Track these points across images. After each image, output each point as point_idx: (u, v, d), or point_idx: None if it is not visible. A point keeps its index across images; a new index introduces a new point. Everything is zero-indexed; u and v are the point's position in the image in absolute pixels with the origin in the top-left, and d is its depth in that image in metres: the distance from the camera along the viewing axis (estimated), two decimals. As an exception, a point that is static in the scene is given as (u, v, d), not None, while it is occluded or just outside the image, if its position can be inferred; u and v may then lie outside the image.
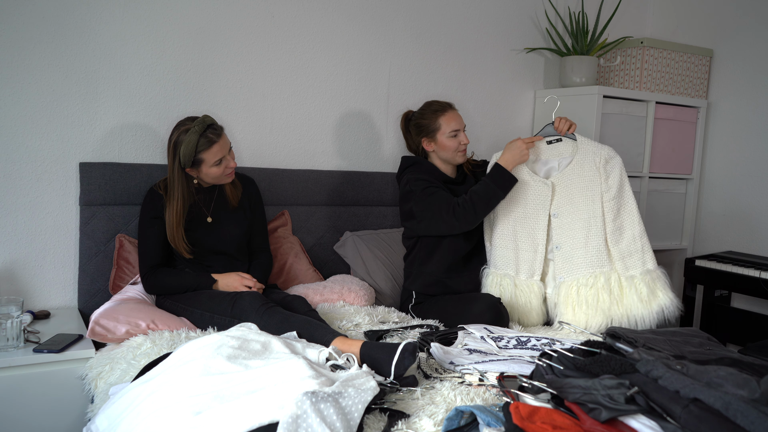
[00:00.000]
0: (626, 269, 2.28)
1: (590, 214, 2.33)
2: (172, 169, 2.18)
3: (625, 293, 2.26)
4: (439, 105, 2.54)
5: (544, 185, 2.38)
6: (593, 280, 2.28)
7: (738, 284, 3.01)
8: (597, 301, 2.26)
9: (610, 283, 2.27)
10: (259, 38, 2.73)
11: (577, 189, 2.36)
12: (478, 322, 2.19)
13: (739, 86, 3.45)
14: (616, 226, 2.31)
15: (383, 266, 2.78)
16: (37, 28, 2.33)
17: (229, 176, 2.27)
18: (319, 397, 1.32)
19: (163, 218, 2.23)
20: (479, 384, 1.58)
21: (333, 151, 2.96)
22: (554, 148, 2.43)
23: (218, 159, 2.18)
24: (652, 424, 1.15)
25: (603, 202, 2.32)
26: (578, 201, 2.35)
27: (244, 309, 2.04)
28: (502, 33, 3.35)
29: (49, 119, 2.38)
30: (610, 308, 2.26)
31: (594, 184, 2.34)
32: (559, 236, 2.37)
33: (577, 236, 2.34)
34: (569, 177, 2.37)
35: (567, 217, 2.36)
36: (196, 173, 2.22)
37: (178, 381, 1.54)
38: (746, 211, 3.42)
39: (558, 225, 2.37)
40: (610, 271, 2.29)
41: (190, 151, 2.13)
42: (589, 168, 2.35)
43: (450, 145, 2.50)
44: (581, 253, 2.32)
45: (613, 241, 2.30)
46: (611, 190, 2.32)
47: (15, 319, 1.97)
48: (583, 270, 2.31)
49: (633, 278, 2.27)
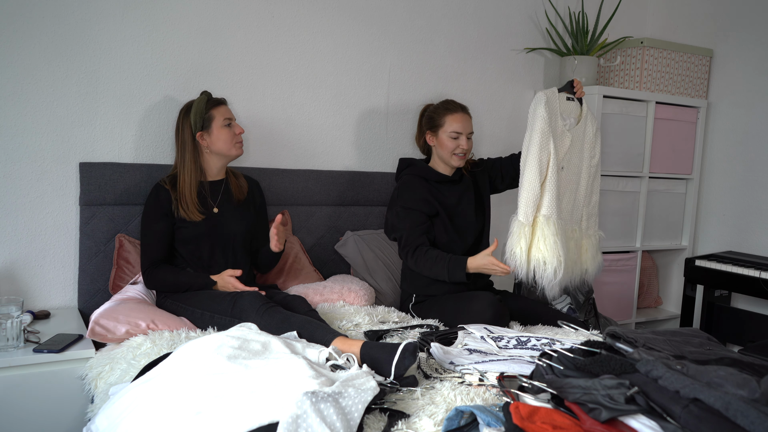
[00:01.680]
0: (587, 227, 2.56)
1: (582, 173, 2.52)
2: (183, 140, 2.28)
3: (583, 248, 2.54)
4: (453, 105, 2.58)
5: (566, 137, 2.46)
6: (571, 233, 2.50)
7: (738, 284, 3.01)
8: (571, 252, 2.46)
9: (579, 237, 2.53)
10: (259, 38, 2.73)
11: (579, 149, 2.52)
12: (479, 319, 2.19)
13: (739, 86, 3.45)
14: (590, 190, 2.56)
15: (384, 266, 2.78)
16: (37, 28, 2.33)
17: (239, 146, 2.34)
18: (319, 398, 1.32)
19: (168, 214, 2.25)
20: (479, 384, 1.58)
21: (333, 151, 2.96)
22: (569, 105, 2.52)
23: (227, 118, 2.29)
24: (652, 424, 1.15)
25: (590, 166, 2.53)
26: (578, 158, 2.51)
27: (244, 309, 2.04)
28: (502, 33, 3.35)
29: (49, 119, 2.38)
30: (576, 260, 2.50)
31: (589, 147, 2.53)
32: (561, 188, 2.46)
33: (572, 191, 2.51)
34: (576, 136, 2.50)
35: (569, 171, 2.49)
36: (208, 139, 2.28)
37: (178, 381, 1.54)
38: (746, 211, 3.42)
39: (562, 177, 2.46)
40: (579, 226, 2.55)
41: (201, 109, 2.26)
42: (589, 132, 2.54)
43: (448, 144, 2.50)
44: (570, 207, 2.50)
45: (586, 201, 2.55)
46: (596, 157, 2.55)
47: (15, 319, 1.97)
48: (569, 224, 2.49)
49: (590, 236, 2.56)
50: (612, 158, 3.25)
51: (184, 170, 2.28)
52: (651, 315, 3.61)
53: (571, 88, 2.51)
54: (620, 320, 3.43)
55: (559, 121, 2.43)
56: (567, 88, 2.50)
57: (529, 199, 2.31)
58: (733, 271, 3.02)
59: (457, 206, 2.55)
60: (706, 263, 3.15)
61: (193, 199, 2.26)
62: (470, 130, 2.54)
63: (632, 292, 3.45)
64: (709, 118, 3.59)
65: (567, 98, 2.49)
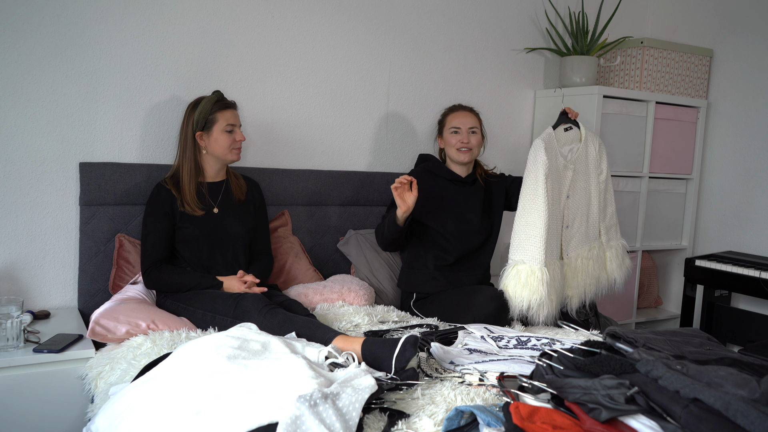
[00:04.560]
0: (608, 240, 2.58)
1: (592, 193, 2.54)
2: (185, 135, 2.28)
3: (608, 260, 2.57)
4: (456, 105, 2.68)
5: (569, 169, 2.48)
6: (589, 252, 2.52)
7: (738, 284, 3.01)
8: (590, 269, 2.51)
9: (600, 253, 2.56)
10: (259, 38, 2.73)
11: (584, 171, 2.54)
12: (482, 313, 2.20)
13: (739, 86, 3.45)
14: (604, 204, 2.58)
15: (386, 264, 2.79)
16: (37, 28, 2.33)
17: (236, 152, 2.32)
18: (318, 398, 1.32)
19: (169, 213, 2.26)
20: (479, 384, 1.58)
21: (333, 151, 2.96)
22: (568, 134, 2.55)
23: (230, 124, 2.28)
24: (652, 424, 1.15)
25: (598, 183, 2.56)
26: (584, 182, 2.54)
27: (246, 310, 2.04)
28: (502, 33, 3.35)
29: (49, 119, 2.38)
30: (600, 274, 2.53)
31: (595, 166, 2.55)
32: (571, 215, 2.49)
33: (583, 215, 2.53)
34: (580, 160, 2.54)
35: (576, 197, 2.51)
36: (206, 140, 2.28)
37: (178, 381, 1.54)
38: (746, 211, 3.41)
39: (570, 205, 2.49)
40: (599, 242, 2.57)
41: (207, 110, 2.25)
42: (591, 152, 2.56)
43: (450, 140, 2.57)
44: (584, 229, 2.52)
45: (601, 216, 2.56)
46: (603, 172, 2.57)
47: (15, 319, 1.96)
48: (584, 244, 2.52)
49: (613, 247, 2.58)
50: (612, 158, 3.25)
51: (184, 166, 2.29)
52: (651, 315, 3.61)
53: (566, 117, 2.52)
54: (620, 320, 3.43)
55: (560, 159, 2.45)
56: (562, 120, 2.52)
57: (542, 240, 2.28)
58: (733, 271, 3.02)
59: (462, 205, 2.56)
60: (706, 263, 3.15)
61: (192, 194, 2.27)
62: (470, 125, 2.56)
63: (632, 292, 3.45)
64: (709, 118, 3.59)
65: (565, 129, 2.52)
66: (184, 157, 2.29)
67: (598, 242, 2.55)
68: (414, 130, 3.15)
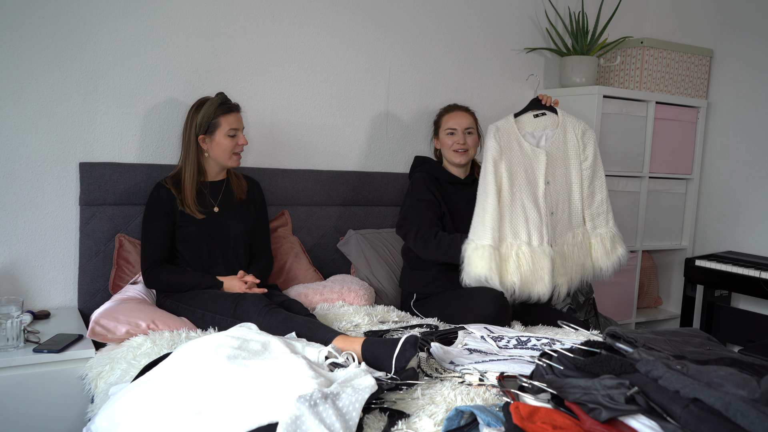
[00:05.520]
0: (594, 227, 2.56)
1: (573, 180, 2.54)
2: (188, 137, 2.28)
3: (594, 248, 2.55)
4: (452, 105, 2.68)
5: (540, 154, 2.48)
6: (573, 238, 2.52)
7: (738, 284, 3.01)
8: (575, 255, 2.50)
9: (585, 240, 2.55)
10: (259, 38, 2.73)
11: (562, 157, 2.54)
12: (481, 314, 2.20)
13: (739, 86, 3.45)
14: (590, 191, 2.56)
15: (386, 265, 2.79)
16: (37, 28, 2.33)
17: (236, 158, 2.32)
18: (318, 398, 1.32)
19: (169, 213, 2.26)
20: (479, 384, 1.58)
21: (333, 151, 2.96)
22: (540, 121, 2.57)
23: (233, 129, 2.27)
24: (652, 424, 1.15)
25: (581, 170, 2.55)
26: (565, 168, 2.54)
27: (246, 310, 2.04)
28: (502, 33, 3.35)
29: (48, 119, 2.38)
30: (585, 261, 2.52)
31: (575, 153, 2.55)
32: (553, 201, 2.49)
33: (565, 201, 2.53)
34: (556, 146, 2.54)
35: (557, 183, 2.52)
36: (209, 143, 2.28)
37: (177, 381, 1.54)
38: (746, 211, 3.42)
39: (551, 191, 2.49)
40: (584, 229, 2.55)
41: (211, 113, 2.25)
42: (571, 138, 2.56)
43: (446, 142, 2.57)
44: (567, 216, 2.52)
45: (587, 204, 2.56)
46: (588, 159, 2.56)
47: (15, 319, 1.96)
48: (568, 231, 2.52)
49: (600, 235, 2.55)
50: (612, 158, 3.25)
51: (187, 169, 2.28)
52: (651, 315, 3.61)
53: (538, 104, 2.55)
54: (620, 320, 3.43)
55: (525, 144, 2.48)
56: (532, 106, 2.55)
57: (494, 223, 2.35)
58: (733, 271, 3.02)
59: (464, 209, 2.55)
60: (706, 263, 3.15)
61: (193, 197, 2.26)
62: (466, 126, 2.57)
63: (632, 292, 3.45)
64: (709, 118, 3.59)
65: (534, 116, 2.54)
66: (187, 160, 2.29)
67: (582, 229, 2.54)
68: (414, 130, 3.15)
